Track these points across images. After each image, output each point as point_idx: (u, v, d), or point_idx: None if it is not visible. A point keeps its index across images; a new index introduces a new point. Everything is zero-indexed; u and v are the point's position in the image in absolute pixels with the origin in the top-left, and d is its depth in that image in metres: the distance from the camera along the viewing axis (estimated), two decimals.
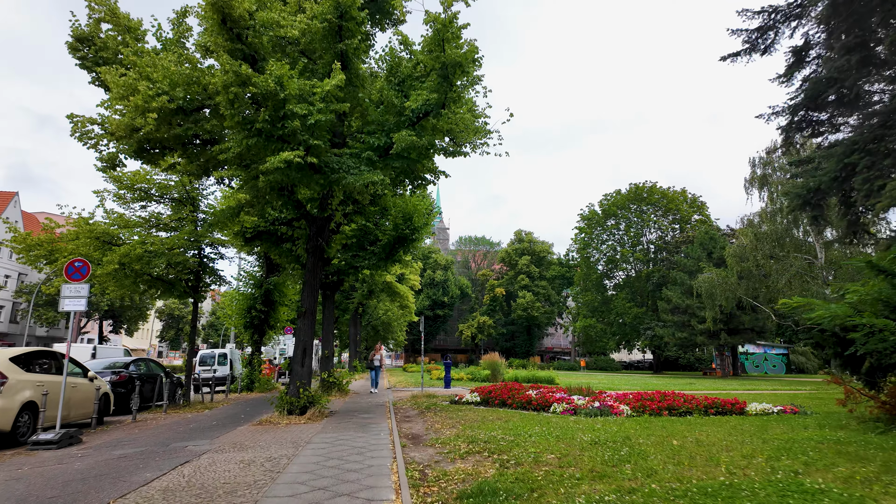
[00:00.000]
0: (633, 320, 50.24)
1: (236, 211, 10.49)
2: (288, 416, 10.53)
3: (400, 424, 9.50)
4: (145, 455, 6.92)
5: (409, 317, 38.26)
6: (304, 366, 11.16)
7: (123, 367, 13.01)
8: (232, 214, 10.50)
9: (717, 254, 39.09)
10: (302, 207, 11.62)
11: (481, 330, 63.02)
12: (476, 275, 74.67)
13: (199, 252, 14.51)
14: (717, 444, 6.45)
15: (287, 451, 6.92)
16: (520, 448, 6.19)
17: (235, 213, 10.50)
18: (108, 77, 8.69)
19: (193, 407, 13.87)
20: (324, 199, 11.57)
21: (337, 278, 18.44)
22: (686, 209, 53.50)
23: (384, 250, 17.79)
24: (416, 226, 17.36)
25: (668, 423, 8.55)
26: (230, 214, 10.42)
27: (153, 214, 13.80)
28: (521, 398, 11.24)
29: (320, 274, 11.68)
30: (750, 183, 33.97)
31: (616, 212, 54.74)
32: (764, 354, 54.84)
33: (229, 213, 10.47)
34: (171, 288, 13.47)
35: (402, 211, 17.80)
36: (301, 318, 11.41)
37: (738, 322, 36.08)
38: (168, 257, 12.54)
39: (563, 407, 10.26)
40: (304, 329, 11.34)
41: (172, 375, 14.95)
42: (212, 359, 20.54)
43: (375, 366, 18.32)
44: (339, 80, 8.51)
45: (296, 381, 11.01)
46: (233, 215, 10.54)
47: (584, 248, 57.71)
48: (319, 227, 11.80)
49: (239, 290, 20.33)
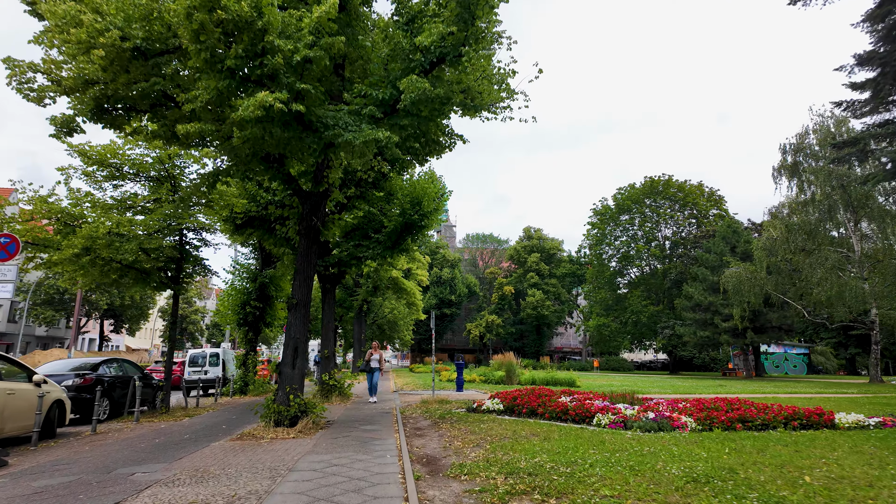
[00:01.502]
0: (650, 319, 48.16)
1: (212, 180, 8.71)
2: (275, 429, 8.74)
3: (410, 441, 7.67)
4: (71, 489, 5.14)
5: (416, 315, 36.43)
6: (296, 368, 9.37)
7: (91, 368, 11.27)
8: (207, 184, 8.72)
9: (741, 248, 36.99)
10: (293, 182, 9.81)
11: (490, 329, 61.08)
12: (484, 273, 72.73)
13: (181, 238, 12.76)
14: (864, 479, 4.58)
15: (260, 483, 5.12)
16: (585, 487, 4.35)
17: (211, 182, 8.72)
18: (44, 6, 6.93)
19: (173, 414, 12.13)
20: (318, 171, 9.76)
21: (338, 270, 16.67)
22: (703, 203, 51.33)
23: (390, 238, 16.00)
24: (425, 211, 15.56)
25: (756, 441, 6.67)
26: (205, 184, 8.64)
27: (127, 195, 12.06)
28: (555, 406, 9.38)
29: (315, 260, 9.90)
30: (778, 172, 31.87)
31: (630, 206, 52.63)
32: (784, 354, 52.70)
33: (203, 182, 8.69)
34: (146, 277, 11.72)
35: (410, 195, 16.02)
36: (292, 312, 9.62)
37: (764, 320, 33.97)
38: (139, 241, 10.77)
39: (608, 418, 8.40)
40: (295, 325, 9.54)
41: (152, 377, 13.22)
42: (202, 359, 18.84)
43: (373, 368, 14.69)
44: (332, 7, 6.70)
45: (285, 387, 9.22)
46: (208, 185, 8.76)
47: (596, 244, 55.66)
48: (314, 204, 10.00)
49: (232, 285, 18.60)
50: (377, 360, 14.74)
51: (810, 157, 30.14)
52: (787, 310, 34.04)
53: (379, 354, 14.81)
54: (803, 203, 29.95)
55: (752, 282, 30.03)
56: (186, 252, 12.77)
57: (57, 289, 49.82)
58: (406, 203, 15.72)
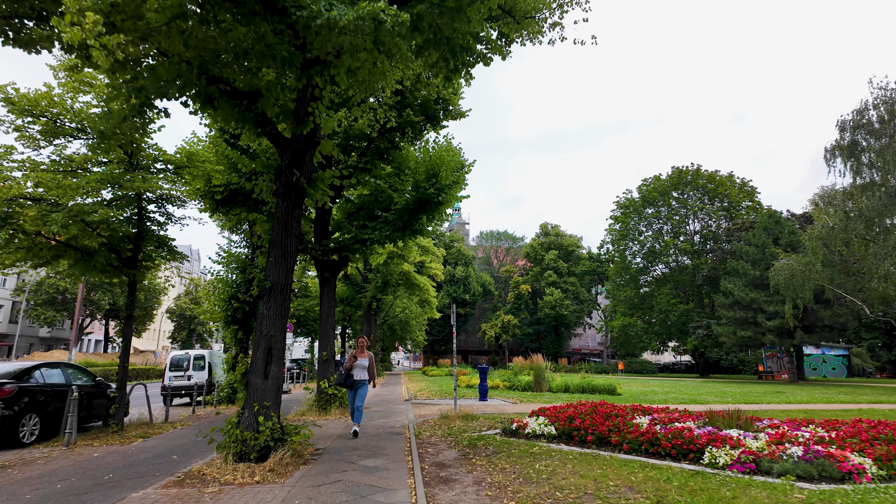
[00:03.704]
0: (679, 318, 44.88)
1: (140, 105, 6.01)
2: (236, 466, 6.06)
3: (432, 492, 4.94)
4: None
5: (430, 313, 33.66)
6: (269, 377, 6.68)
7: (16, 376, 8.70)
8: (137, 112, 6.01)
9: (785, 239, 33.69)
10: (267, 124, 7.13)
11: (506, 330, 58.11)
12: (499, 271, 69.79)
13: (139, 211, 10.17)
14: None
15: None
16: None
17: (139, 110, 6.02)
18: None
19: (127, 433, 9.53)
20: (301, 103, 7.07)
21: (339, 257, 14.01)
22: (736, 194, 47.93)
23: (401, 218, 13.30)
24: (442, 184, 12.84)
25: None
26: (135, 112, 5.92)
27: (62, 154, 9.48)
28: (636, 433, 6.57)
29: (297, 228, 7.25)
30: (831, 153, 28.51)
31: (657, 198, 49.38)
32: (822, 356, 49.19)
33: (133, 109, 5.96)
34: (88, 259, 9.13)
35: (424, 165, 13.33)
36: (265, 299, 6.94)
37: (814, 318, 30.69)
38: (72, 212, 8.18)
39: (728, 454, 5.58)
40: (268, 316, 6.87)
41: (107, 386, 10.66)
42: (186, 362, 16.32)
43: (358, 380, 9.00)
44: None
45: (253, 404, 6.54)
46: (139, 113, 6.03)
47: (620, 239, 52.44)
48: (295, 153, 7.32)
49: (218, 276, 16.03)
50: (365, 367, 9.05)
51: (870, 135, 26.85)
52: (840, 307, 30.71)
53: (368, 358, 9.11)
54: (862, 187, 26.67)
55: (805, 275, 26.80)
56: (146, 229, 10.18)
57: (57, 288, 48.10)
58: (420, 175, 13.03)
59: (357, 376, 8.99)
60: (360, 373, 9.01)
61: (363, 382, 9.03)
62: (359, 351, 9.15)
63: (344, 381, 8.96)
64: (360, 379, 9.00)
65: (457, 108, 13.71)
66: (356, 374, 8.99)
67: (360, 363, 9.03)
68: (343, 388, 10.38)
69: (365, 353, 9.13)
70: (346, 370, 9.00)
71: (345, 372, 9.00)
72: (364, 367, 9.06)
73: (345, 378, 8.97)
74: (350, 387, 8.97)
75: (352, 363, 8.99)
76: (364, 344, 9.29)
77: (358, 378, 8.99)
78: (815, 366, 48.85)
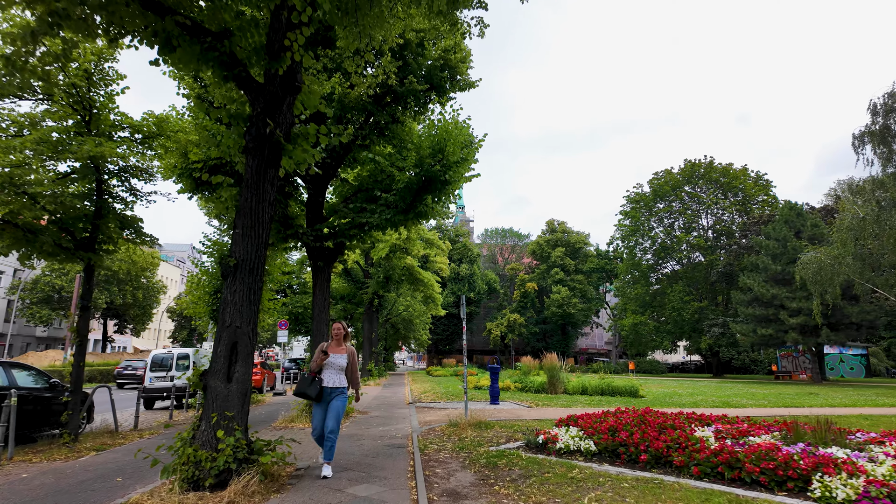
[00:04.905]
0: (693, 316, 43.22)
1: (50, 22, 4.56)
2: (185, 495, 4.60)
3: None
4: None
5: (434, 310, 32.17)
6: (233, 380, 5.22)
7: None
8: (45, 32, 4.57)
9: (807, 232, 32.04)
10: (236, 65, 5.68)
11: (512, 329, 56.58)
12: (504, 269, 68.18)
13: (98, 185, 8.73)
14: None
15: None
16: None
17: (46, 28, 4.56)
18: None
19: (81, 444, 8.10)
20: (275, 33, 5.61)
21: (334, 244, 12.54)
22: (751, 188, 46.23)
23: (403, 199, 11.82)
24: (449, 161, 11.36)
25: None
26: (45, 30, 4.48)
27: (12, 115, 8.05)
28: (709, 453, 5.06)
29: (271, 192, 5.80)
30: (860, 140, 26.83)
31: (668, 192, 47.71)
32: (839, 355, 47.50)
33: (41, 27, 4.52)
34: (32, 238, 7.68)
35: (430, 140, 11.86)
36: (229, 280, 5.48)
37: (841, 315, 29.03)
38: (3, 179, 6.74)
39: (847, 486, 4.07)
40: (233, 303, 5.40)
41: (61, 389, 9.21)
42: (168, 361, 14.90)
43: (329, 388, 5.78)
44: None
45: (210, 415, 5.08)
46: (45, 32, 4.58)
47: (630, 234, 50.81)
48: (270, 100, 5.85)
49: (202, 266, 14.63)
50: (342, 367, 5.90)
51: None
52: (867, 303, 29.07)
53: (347, 354, 5.98)
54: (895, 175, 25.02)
55: (834, 269, 25.17)
56: (106, 205, 8.73)
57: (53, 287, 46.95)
58: (425, 150, 11.55)
59: (328, 382, 5.72)
60: (334, 376, 5.77)
61: (339, 392, 5.74)
62: (333, 344, 5.97)
63: (306, 388, 5.68)
64: (332, 386, 5.72)
65: (465, 78, 12.23)
66: (326, 378, 5.74)
67: (334, 361, 5.79)
68: (306, 399, 6.55)
69: (342, 347, 5.96)
70: (311, 372, 5.76)
71: (310, 375, 5.75)
72: (340, 367, 5.81)
73: (308, 384, 5.68)
74: (317, 399, 5.67)
75: (321, 361, 5.75)
76: (341, 332, 6.01)
77: (329, 385, 5.71)
78: (833, 365, 47.14)
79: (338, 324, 6.05)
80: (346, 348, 6.01)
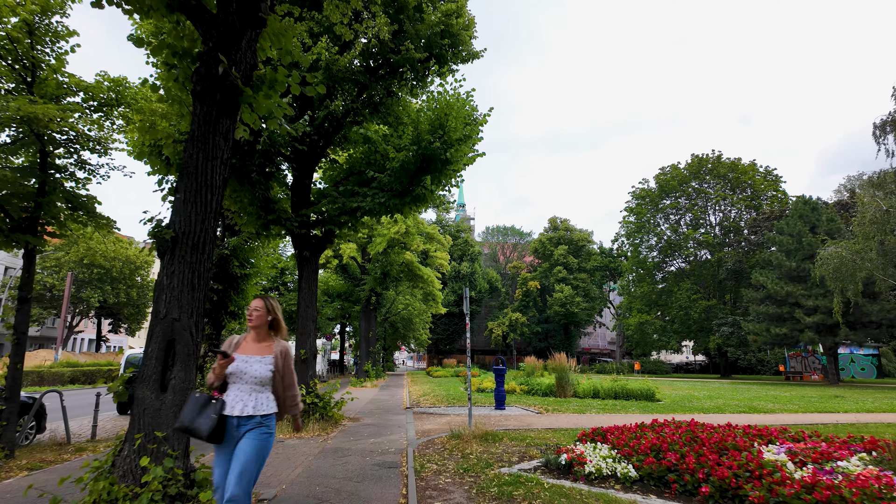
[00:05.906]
0: (701, 314, 41.96)
1: None
2: None
3: None
4: None
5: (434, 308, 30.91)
6: (168, 388, 3.97)
7: None
8: None
9: (823, 227, 30.75)
10: None
11: (513, 328, 55.30)
12: (506, 268, 66.87)
13: (43, 156, 7.48)
14: None
15: None
16: None
17: None
18: None
19: (17, 460, 6.85)
20: None
21: (322, 231, 11.30)
22: (760, 183, 44.96)
23: (399, 180, 10.56)
24: (450, 137, 10.09)
25: None
26: None
27: None
28: (799, 488, 3.80)
29: (225, 148, 4.57)
30: (881, 129, 25.58)
31: (675, 187, 46.46)
32: (850, 355, 46.31)
33: None
34: None
35: (429, 115, 10.60)
36: (166, 259, 4.23)
37: (860, 313, 27.75)
38: None
39: None
40: (170, 287, 4.15)
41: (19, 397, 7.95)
42: None
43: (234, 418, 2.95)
44: None
45: (134, 436, 3.83)
46: None
47: (635, 231, 49.55)
48: (225, 33, 4.60)
49: None
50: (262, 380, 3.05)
51: None
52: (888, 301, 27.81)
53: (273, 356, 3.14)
54: None
55: (855, 264, 23.90)
56: (51, 180, 7.48)
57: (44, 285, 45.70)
58: (423, 126, 10.29)
59: (234, 406, 2.99)
60: (244, 396, 3.03)
61: (254, 424, 2.98)
62: (249, 338, 3.26)
63: (194, 419, 2.92)
64: (241, 415, 2.97)
65: (468, 48, 10.99)
66: (231, 397, 3.03)
67: (246, 370, 3.05)
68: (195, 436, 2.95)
69: (266, 344, 3.22)
70: (209, 384, 3.07)
71: (209, 385, 3.07)
72: (259, 379, 3.06)
73: (198, 410, 2.95)
74: (212, 437, 2.90)
75: (224, 367, 3.01)
76: (263, 317, 3.22)
77: (236, 412, 2.97)
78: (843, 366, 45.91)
79: (258, 300, 3.26)
80: (273, 346, 3.23)
